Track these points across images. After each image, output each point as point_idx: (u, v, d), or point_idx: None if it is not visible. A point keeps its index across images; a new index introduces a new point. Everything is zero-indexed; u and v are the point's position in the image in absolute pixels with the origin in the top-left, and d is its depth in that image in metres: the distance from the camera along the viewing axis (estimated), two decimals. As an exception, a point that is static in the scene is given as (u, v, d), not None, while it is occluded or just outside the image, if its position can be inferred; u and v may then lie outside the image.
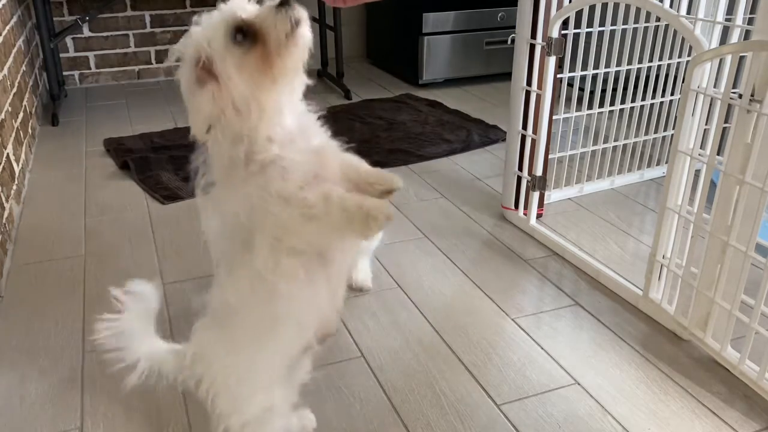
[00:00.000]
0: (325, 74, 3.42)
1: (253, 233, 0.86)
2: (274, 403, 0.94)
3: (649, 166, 2.18)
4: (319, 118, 0.94)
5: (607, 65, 1.88)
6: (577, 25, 1.80)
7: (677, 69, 2.06)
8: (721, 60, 1.27)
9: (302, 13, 0.84)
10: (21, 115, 2.27)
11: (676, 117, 1.36)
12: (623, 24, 1.90)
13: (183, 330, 1.02)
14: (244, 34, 0.81)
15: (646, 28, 1.98)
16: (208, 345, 0.95)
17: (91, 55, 3.28)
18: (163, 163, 2.26)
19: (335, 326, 1.01)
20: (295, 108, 0.90)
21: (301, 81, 0.91)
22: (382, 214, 0.82)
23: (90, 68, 3.30)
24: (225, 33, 0.81)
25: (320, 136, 0.92)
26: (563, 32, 1.69)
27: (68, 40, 3.20)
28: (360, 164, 0.92)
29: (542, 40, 1.68)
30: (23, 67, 2.47)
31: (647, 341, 1.39)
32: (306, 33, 0.84)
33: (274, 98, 0.84)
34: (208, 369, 0.93)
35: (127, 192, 2.11)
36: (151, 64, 3.39)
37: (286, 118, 0.87)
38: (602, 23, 1.85)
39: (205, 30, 0.82)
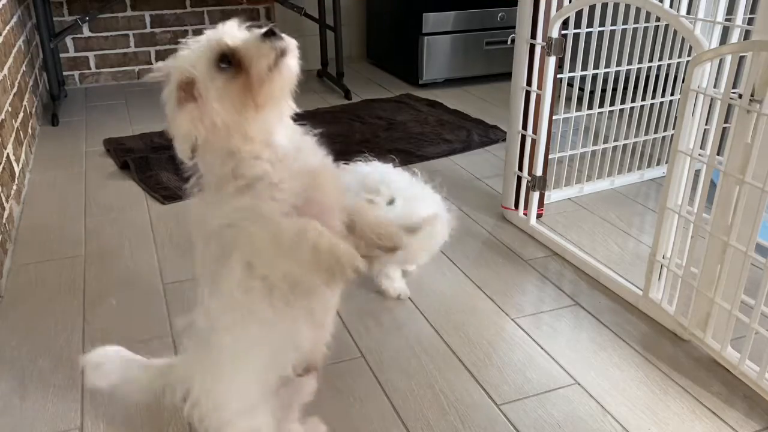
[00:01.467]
0: (325, 74, 3.42)
1: (231, 252, 0.84)
2: (258, 427, 0.93)
3: (649, 166, 2.18)
4: (317, 140, 0.91)
5: (607, 65, 1.88)
6: (577, 25, 1.80)
7: (677, 69, 2.06)
8: (721, 60, 1.27)
9: (289, 43, 0.82)
10: (21, 115, 2.27)
11: (676, 117, 1.36)
12: (623, 24, 1.90)
13: (183, 331, 1.03)
14: (229, 61, 0.80)
15: (646, 28, 1.98)
16: (192, 366, 0.94)
17: (91, 55, 3.28)
18: (163, 163, 2.26)
19: (321, 360, 0.98)
20: (286, 130, 0.88)
21: (289, 105, 0.88)
22: (351, 266, 0.79)
23: (90, 68, 3.30)
24: (210, 58, 0.81)
25: (318, 156, 0.89)
26: (563, 32, 1.69)
27: (68, 40, 3.20)
28: (368, 209, 0.89)
29: (542, 40, 1.69)
30: (23, 67, 2.47)
31: (647, 341, 1.39)
32: (292, 64, 0.82)
33: (258, 125, 0.83)
34: (193, 391, 0.93)
35: (127, 192, 2.11)
36: (151, 64, 3.38)
37: (276, 138, 0.85)
38: (602, 23, 1.85)
39: (191, 53, 0.82)
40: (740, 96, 1.18)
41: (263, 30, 0.81)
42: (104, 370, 1.01)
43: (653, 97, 2.06)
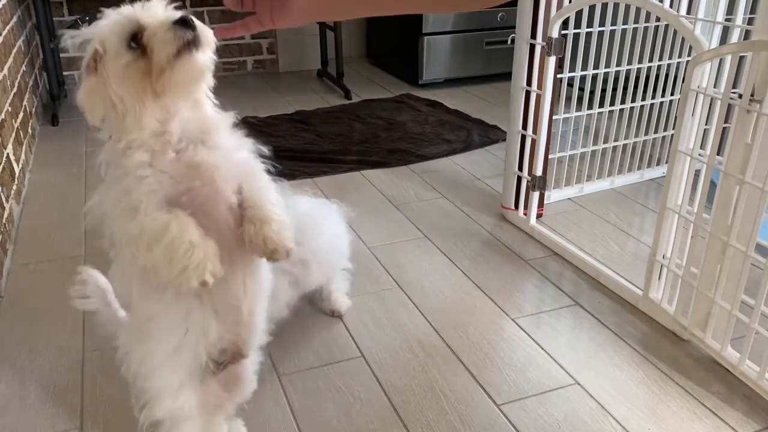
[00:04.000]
0: (325, 74, 3.42)
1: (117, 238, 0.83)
2: (180, 407, 0.93)
3: (649, 166, 2.18)
4: (241, 132, 0.88)
5: (607, 65, 1.88)
6: (577, 25, 1.80)
7: (677, 69, 2.06)
8: (721, 60, 1.27)
9: (202, 36, 0.79)
10: (21, 115, 2.27)
11: (676, 117, 1.36)
12: (623, 24, 1.90)
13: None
14: (138, 42, 0.78)
15: (646, 28, 1.98)
16: (126, 333, 0.95)
17: (91, 55, 3.27)
18: (163, 163, 2.26)
19: (246, 346, 0.95)
20: (195, 121, 0.85)
21: (206, 96, 0.86)
22: (198, 277, 0.78)
23: (90, 68, 3.29)
24: (120, 36, 0.79)
25: (220, 150, 0.85)
26: (563, 32, 1.69)
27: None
28: (267, 213, 0.85)
29: (542, 40, 1.68)
30: (23, 67, 2.47)
31: (647, 341, 1.39)
32: (199, 59, 0.79)
33: (156, 113, 0.81)
34: (126, 356, 0.93)
35: (127, 192, 2.10)
36: (151, 64, 3.38)
37: (172, 128, 0.82)
38: (602, 23, 1.85)
39: (108, 26, 0.81)
40: (740, 96, 1.18)
41: (177, 16, 0.78)
42: (88, 300, 1.06)
43: (653, 97, 2.06)
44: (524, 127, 1.80)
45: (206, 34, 0.80)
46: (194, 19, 0.79)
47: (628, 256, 1.72)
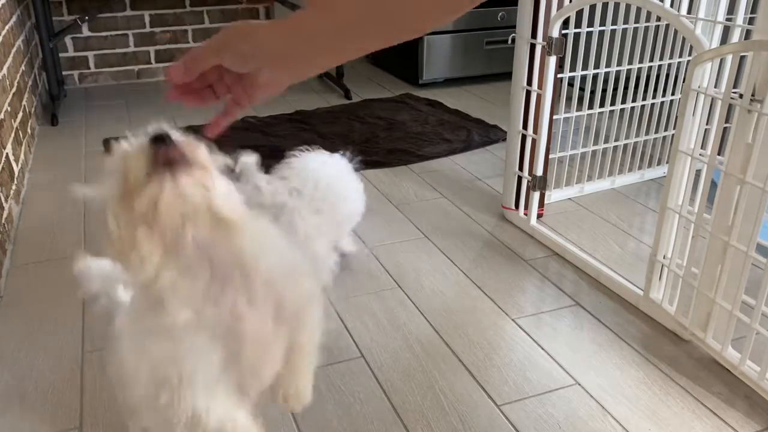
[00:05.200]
0: (325, 74, 3.42)
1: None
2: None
3: (649, 166, 2.18)
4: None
5: (607, 65, 1.88)
6: (578, 25, 1.80)
7: (677, 69, 2.06)
8: (721, 60, 1.27)
9: (187, 153, 0.66)
10: (20, 115, 2.26)
11: (676, 117, 1.36)
12: (623, 24, 1.89)
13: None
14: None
15: (646, 28, 1.98)
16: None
17: (90, 54, 3.27)
18: (162, 163, 2.26)
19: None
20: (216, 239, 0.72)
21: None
22: None
23: (89, 68, 3.29)
24: (114, 179, 0.70)
25: (263, 288, 0.73)
26: (563, 32, 1.68)
27: (67, 40, 3.20)
28: (303, 375, 0.82)
29: (542, 40, 1.68)
30: (22, 67, 2.47)
31: (648, 341, 1.39)
32: (182, 183, 0.65)
33: (157, 242, 0.69)
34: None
35: (127, 192, 2.10)
36: (151, 64, 3.39)
37: (194, 265, 0.71)
38: (602, 23, 1.85)
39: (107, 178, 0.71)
40: (741, 96, 1.18)
41: (154, 134, 0.66)
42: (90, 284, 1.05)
43: (654, 97, 2.06)
44: (524, 126, 1.80)
45: (194, 151, 0.67)
46: (175, 134, 0.67)
47: (628, 256, 1.72)
